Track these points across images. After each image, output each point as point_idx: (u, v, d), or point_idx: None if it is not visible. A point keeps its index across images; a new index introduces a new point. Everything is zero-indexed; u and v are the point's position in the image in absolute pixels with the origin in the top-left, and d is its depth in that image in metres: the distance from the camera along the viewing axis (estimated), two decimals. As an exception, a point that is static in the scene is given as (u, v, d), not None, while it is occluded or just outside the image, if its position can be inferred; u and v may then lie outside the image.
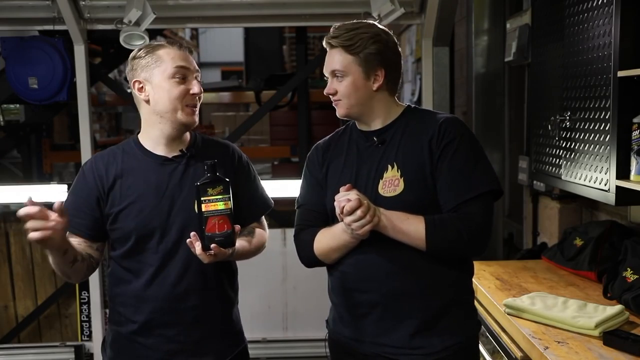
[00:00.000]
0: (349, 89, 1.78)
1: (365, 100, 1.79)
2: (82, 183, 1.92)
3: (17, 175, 5.14)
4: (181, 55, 1.88)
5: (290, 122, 5.05)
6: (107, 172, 1.90)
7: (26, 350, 4.05)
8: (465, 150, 1.74)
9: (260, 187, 2.08)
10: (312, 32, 8.43)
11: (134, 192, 1.87)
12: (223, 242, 1.72)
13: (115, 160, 1.92)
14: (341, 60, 1.77)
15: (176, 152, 1.91)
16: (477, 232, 1.72)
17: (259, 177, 2.10)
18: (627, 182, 2.12)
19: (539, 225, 3.40)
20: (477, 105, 4.09)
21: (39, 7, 3.64)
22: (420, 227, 1.69)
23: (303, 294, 4.08)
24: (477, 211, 1.71)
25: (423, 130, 1.77)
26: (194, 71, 1.89)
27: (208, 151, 1.96)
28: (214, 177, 1.73)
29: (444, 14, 3.58)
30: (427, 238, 1.69)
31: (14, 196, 3.95)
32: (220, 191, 1.72)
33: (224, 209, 1.72)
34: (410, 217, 1.70)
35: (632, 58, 2.13)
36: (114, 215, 1.87)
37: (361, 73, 1.76)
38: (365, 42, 1.75)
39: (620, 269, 2.32)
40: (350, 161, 1.85)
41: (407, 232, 1.70)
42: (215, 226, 1.71)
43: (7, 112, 4.61)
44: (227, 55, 11.89)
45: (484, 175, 1.75)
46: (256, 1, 3.67)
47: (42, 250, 4.19)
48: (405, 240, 1.71)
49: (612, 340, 1.90)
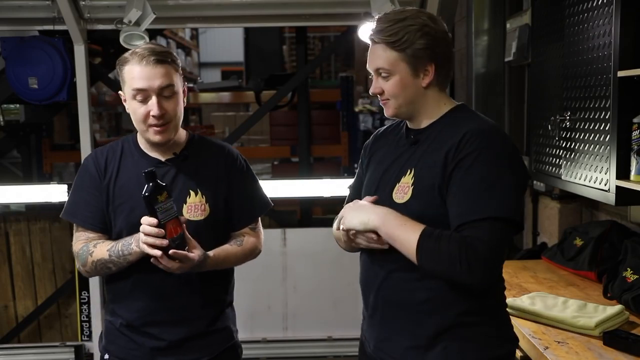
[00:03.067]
0: (397, 88, 1.63)
1: (415, 99, 1.65)
2: (86, 177, 1.92)
3: (17, 175, 5.14)
4: (142, 73, 1.79)
5: (290, 122, 5.05)
6: (107, 167, 1.91)
7: (26, 350, 4.04)
8: (482, 166, 1.53)
9: (258, 188, 2.06)
10: (312, 32, 8.45)
11: (126, 191, 1.88)
12: (180, 244, 1.73)
13: (114, 157, 1.93)
14: (386, 57, 1.61)
15: (169, 155, 1.91)
16: (475, 261, 1.48)
17: (257, 178, 2.08)
18: (627, 182, 2.12)
19: (539, 225, 3.40)
20: (477, 105, 4.08)
21: (39, 7, 3.64)
22: (413, 238, 1.53)
23: (303, 294, 4.08)
24: (482, 237, 1.49)
25: (449, 138, 1.59)
26: (155, 89, 1.79)
27: (202, 152, 1.96)
28: (156, 184, 1.71)
29: (444, 14, 3.58)
30: (418, 253, 1.52)
31: (14, 196, 3.95)
32: (167, 196, 1.72)
33: (172, 212, 1.72)
34: (408, 224, 1.55)
35: (632, 58, 2.13)
36: (110, 212, 1.89)
37: (409, 71, 1.61)
38: (411, 36, 1.58)
39: (620, 269, 2.32)
40: (387, 157, 1.74)
41: (398, 239, 1.56)
42: (172, 231, 1.72)
43: (7, 112, 4.61)
44: (227, 55, 11.91)
45: (495, 199, 1.52)
46: (256, 1, 3.67)
47: (42, 250, 4.23)
48: (398, 248, 1.57)
49: (612, 340, 1.90)
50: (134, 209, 1.85)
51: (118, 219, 1.88)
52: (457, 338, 1.61)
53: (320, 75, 8.43)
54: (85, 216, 1.90)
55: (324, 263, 3.94)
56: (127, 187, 1.88)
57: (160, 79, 1.80)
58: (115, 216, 1.89)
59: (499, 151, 1.56)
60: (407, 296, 1.63)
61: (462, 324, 1.61)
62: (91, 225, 1.90)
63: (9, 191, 3.91)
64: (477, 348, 1.62)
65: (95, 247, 1.87)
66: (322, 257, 3.92)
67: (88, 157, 1.98)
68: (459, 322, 1.60)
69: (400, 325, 1.65)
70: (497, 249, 1.52)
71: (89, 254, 1.87)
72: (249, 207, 2.01)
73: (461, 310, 1.60)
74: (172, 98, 1.83)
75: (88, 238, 1.91)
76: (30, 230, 4.23)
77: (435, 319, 1.61)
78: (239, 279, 2.07)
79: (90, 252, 1.87)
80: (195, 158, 1.93)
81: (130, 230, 1.85)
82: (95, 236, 1.91)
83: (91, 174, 1.92)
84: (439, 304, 1.61)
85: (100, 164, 1.92)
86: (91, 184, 1.91)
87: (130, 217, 1.86)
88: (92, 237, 1.91)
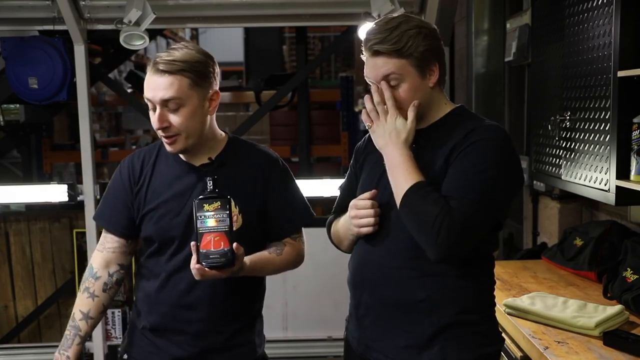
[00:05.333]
0: (409, 94, 1.61)
1: (424, 101, 1.64)
2: (118, 180, 1.90)
3: (17, 175, 5.14)
4: (149, 82, 1.73)
5: (290, 122, 5.05)
6: (141, 171, 1.87)
7: (26, 350, 4.04)
8: (479, 153, 1.56)
9: (300, 196, 1.96)
10: (312, 32, 8.45)
11: (157, 197, 1.83)
12: (218, 260, 1.66)
13: (150, 160, 1.88)
14: (393, 65, 1.59)
15: (204, 160, 1.83)
16: (448, 229, 1.50)
17: (298, 186, 1.98)
18: (627, 182, 2.12)
19: (539, 225, 3.40)
20: (477, 105, 4.09)
21: (39, 7, 3.64)
22: (405, 184, 1.56)
23: (303, 294, 4.08)
24: (463, 211, 1.51)
25: (453, 138, 1.61)
26: (157, 101, 1.72)
27: (240, 158, 1.86)
28: (212, 193, 1.67)
29: (444, 14, 3.58)
30: (402, 200, 1.56)
31: (14, 196, 3.94)
32: (217, 208, 1.66)
33: (220, 226, 1.66)
34: (409, 170, 1.57)
35: (632, 58, 2.13)
36: (140, 217, 1.86)
37: (417, 74, 1.61)
38: (414, 39, 1.58)
39: (620, 269, 2.32)
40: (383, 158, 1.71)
41: (394, 179, 1.59)
42: (210, 243, 1.66)
43: (7, 112, 4.61)
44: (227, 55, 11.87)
45: (485, 184, 1.54)
46: (256, 1, 3.67)
47: (42, 250, 4.23)
48: (393, 188, 1.60)
49: (612, 340, 1.90)
50: (163, 217, 1.81)
51: (148, 224, 1.84)
52: (454, 337, 1.62)
53: (320, 75, 8.44)
54: (112, 220, 1.89)
55: (324, 263, 3.92)
56: (158, 192, 1.84)
57: (163, 91, 1.71)
58: (144, 221, 1.85)
59: (499, 145, 1.59)
60: (405, 295, 1.63)
61: (459, 322, 1.62)
62: (114, 230, 1.90)
63: (9, 191, 3.91)
64: (472, 347, 1.64)
65: (83, 293, 1.91)
66: (322, 257, 3.90)
67: (125, 160, 1.93)
68: (456, 321, 1.62)
69: (396, 325, 1.65)
70: (472, 227, 1.53)
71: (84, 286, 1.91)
72: (290, 216, 1.92)
73: (458, 309, 1.62)
74: (179, 110, 1.73)
75: (107, 249, 1.91)
76: (30, 230, 4.22)
77: (433, 318, 1.62)
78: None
79: (83, 288, 1.91)
80: (232, 164, 1.84)
81: (159, 237, 1.82)
82: (117, 245, 1.90)
83: (122, 179, 1.89)
84: (436, 303, 1.61)
85: (135, 168, 1.88)
86: (119, 189, 1.89)
87: (159, 224, 1.82)
88: (114, 248, 1.90)
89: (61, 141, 5.45)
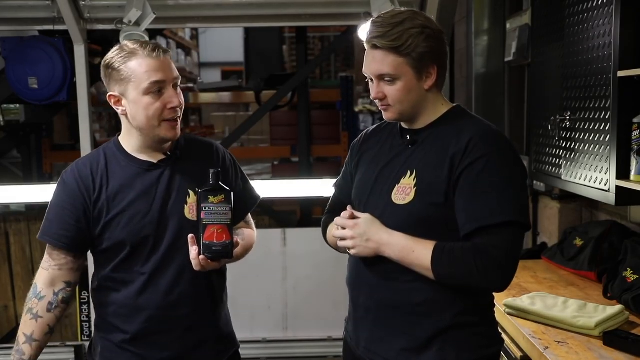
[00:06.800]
0: (401, 93, 1.59)
1: (418, 102, 1.62)
2: (65, 192, 1.81)
3: (17, 175, 5.14)
4: (156, 65, 1.72)
5: (290, 122, 5.06)
6: (93, 179, 1.79)
7: (26, 350, 4.04)
8: (492, 172, 1.54)
9: (247, 182, 2.01)
10: (312, 32, 8.46)
11: (122, 200, 1.78)
12: (220, 252, 1.70)
13: (99, 167, 1.81)
14: (390, 63, 1.57)
15: (161, 156, 1.83)
16: (493, 268, 1.51)
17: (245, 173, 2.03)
18: (627, 182, 2.12)
19: (539, 225, 3.40)
20: (477, 105, 4.08)
21: (39, 7, 3.64)
22: (426, 257, 1.54)
23: (303, 294, 4.08)
24: (497, 243, 1.51)
25: (452, 141, 1.59)
26: (171, 80, 1.74)
27: (192, 151, 1.89)
28: (217, 185, 1.70)
29: (444, 14, 3.58)
30: (434, 269, 1.54)
31: (14, 196, 3.94)
32: (222, 200, 1.69)
33: (223, 218, 1.70)
34: (417, 249, 1.56)
35: (632, 58, 2.13)
36: (103, 225, 1.78)
37: (414, 75, 1.58)
38: (415, 39, 1.55)
39: (620, 269, 2.32)
40: (379, 157, 1.72)
41: (413, 264, 1.57)
42: (213, 235, 1.69)
43: (7, 112, 4.61)
44: (227, 55, 11.89)
45: (510, 203, 1.53)
46: (256, 1, 3.67)
47: (42, 250, 4.22)
48: (409, 267, 1.59)
49: (612, 340, 1.90)
50: (132, 218, 1.77)
51: (116, 230, 1.77)
52: (453, 339, 1.61)
53: (320, 75, 8.45)
54: (58, 235, 1.79)
55: (324, 263, 3.93)
56: (121, 195, 1.78)
57: (174, 70, 1.77)
58: (113, 228, 1.77)
59: (505, 155, 1.58)
60: (403, 298, 1.63)
61: (458, 324, 1.62)
62: (62, 245, 1.79)
63: (9, 191, 3.91)
64: (471, 348, 1.63)
65: (26, 315, 1.84)
66: (322, 257, 3.92)
67: (67, 171, 1.84)
68: (455, 323, 1.61)
69: (395, 327, 1.64)
70: (512, 252, 1.54)
71: (27, 307, 1.85)
72: (242, 202, 1.93)
73: (457, 311, 1.61)
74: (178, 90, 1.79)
75: (52, 266, 1.82)
76: (30, 230, 4.22)
77: (432, 321, 1.61)
78: (239, 278, 2.06)
79: (26, 309, 1.84)
80: (187, 157, 1.86)
81: (133, 240, 1.77)
82: (64, 261, 1.81)
83: (71, 190, 1.80)
84: (435, 306, 1.61)
85: (84, 178, 1.80)
86: (68, 202, 1.79)
87: (130, 226, 1.76)
88: (61, 265, 1.81)
89: (61, 141, 5.45)
